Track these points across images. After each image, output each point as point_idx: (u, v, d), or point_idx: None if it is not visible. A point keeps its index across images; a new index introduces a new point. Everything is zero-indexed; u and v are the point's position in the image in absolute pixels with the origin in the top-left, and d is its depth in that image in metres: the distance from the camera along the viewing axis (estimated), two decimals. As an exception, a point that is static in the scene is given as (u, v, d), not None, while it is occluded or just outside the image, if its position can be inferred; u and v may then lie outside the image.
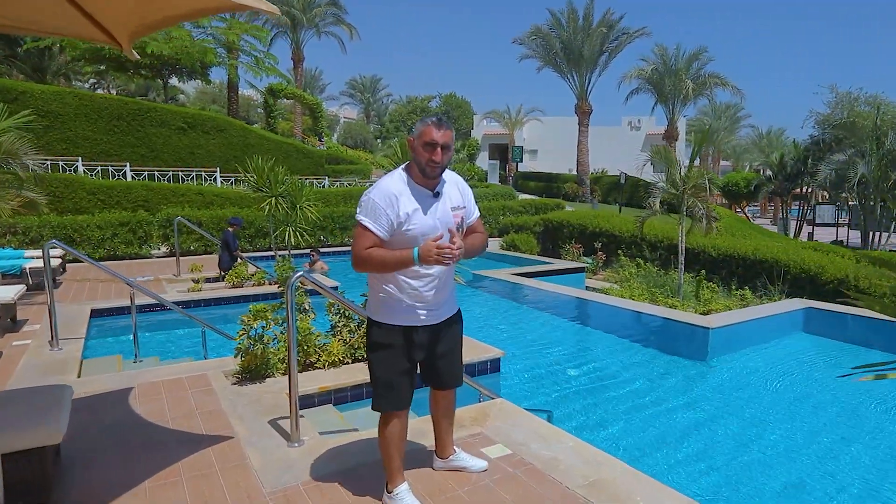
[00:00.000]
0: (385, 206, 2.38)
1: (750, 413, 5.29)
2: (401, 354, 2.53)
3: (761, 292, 9.69)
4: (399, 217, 2.39)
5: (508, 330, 8.16)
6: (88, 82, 38.96)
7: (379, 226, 2.37)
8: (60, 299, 7.10)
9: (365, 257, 2.38)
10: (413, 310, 2.52)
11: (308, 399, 3.95)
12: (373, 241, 2.37)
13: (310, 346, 4.34)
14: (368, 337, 2.60)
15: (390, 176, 2.50)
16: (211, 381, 4.14)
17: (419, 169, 2.43)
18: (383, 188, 2.42)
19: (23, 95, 16.83)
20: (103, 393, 3.90)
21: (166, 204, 14.00)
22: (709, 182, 9.75)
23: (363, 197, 2.44)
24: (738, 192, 30.49)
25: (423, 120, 2.45)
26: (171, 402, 3.79)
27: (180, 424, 3.45)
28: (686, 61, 27.35)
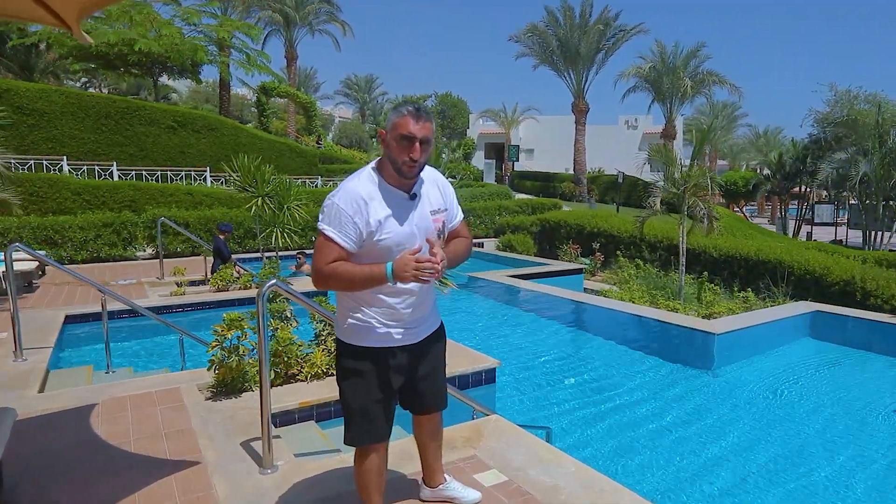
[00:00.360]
0: (352, 212, 2.01)
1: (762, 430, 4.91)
2: (377, 381, 2.19)
3: (764, 294, 9.42)
4: (369, 225, 2.03)
5: (504, 336, 7.83)
6: (80, 81, 38.51)
7: (345, 236, 2.02)
8: (36, 304, 6.77)
9: (328, 273, 2.02)
10: (389, 330, 2.19)
11: (288, 415, 3.63)
12: (338, 253, 2.02)
13: (291, 356, 4.01)
14: (338, 362, 2.26)
15: (357, 176, 2.12)
16: (183, 395, 3.80)
17: (394, 168, 2.07)
18: (350, 191, 2.04)
19: (6, 93, 16.44)
20: (63, 410, 3.56)
21: (154, 204, 13.63)
22: (710, 181, 9.48)
23: (326, 201, 2.06)
24: (737, 192, 30.36)
25: (398, 109, 2.06)
26: (136, 421, 3.46)
27: (143, 447, 3.13)
28: (684, 59, 27.11)
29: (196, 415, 3.50)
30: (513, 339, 7.61)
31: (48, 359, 4.61)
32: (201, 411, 3.55)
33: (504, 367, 5.13)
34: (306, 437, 3.46)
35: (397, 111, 2.06)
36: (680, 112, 29.36)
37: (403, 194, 2.11)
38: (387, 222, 2.06)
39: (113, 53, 21.20)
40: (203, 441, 3.16)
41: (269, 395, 2.76)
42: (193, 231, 12.08)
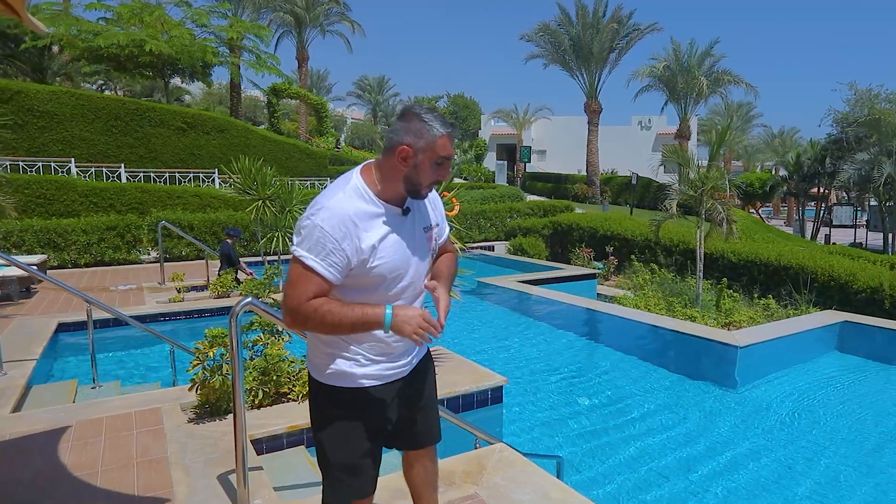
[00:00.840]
0: (339, 237, 1.63)
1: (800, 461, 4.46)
2: (364, 428, 1.85)
3: (786, 301, 9.02)
4: (361, 252, 1.67)
5: (513, 347, 7.48)
6: (96, 83, 38.77)
7: (329, 266, 1.64)
8: (31, 311, 6.58)
9: (308, 314, 1.64)
10: (378, 365, 1.85)
11: (275, 440, 3.35)
12: (319, 287, 1.64)
13: (282, 374, 3.74)
14: (315, 407, 1.89)
15: (341, 189, 1.72)
16: (164, 417, 3.54)
17: (412, 189, 1.74)
18: (337, 211, 1.65)
19: (18, 95, 16.46)
20: (32, 434, 3.31)
21: (161, 206, 13.51)
22: (729, 183, 9.10)
23: (303, 221, 1.67)
24: (753, 193, 29.76)
25: (428, 123, 1.69)
26: (109, 447, 3.20)
27: (110, 480, 2.86)
28: (699, 57, 26.60)
29: (174, 440, 3.24)
30: (523, 352, 7.25)
31: (29, 373, 4.38)
32: (181, 436, 3.29)
33: (513, 383, 4.82)
34: (293, 467, 3.18)
35: (429, 127, 1.69)
36: (694, 112, 28.83)
37: (396, 209, 1.77)
38: (381, 246, 1.71)
39: (124, 55, 21.18)
40: (176, 473, 2.90)
41: (245, 424, 2.49)
42: (198, 234, 11.91)
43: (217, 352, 3.36)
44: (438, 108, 36.31)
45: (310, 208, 1.69)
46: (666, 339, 7.06)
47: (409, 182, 1.73)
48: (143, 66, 22.42)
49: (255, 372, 3.69)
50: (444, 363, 4.67)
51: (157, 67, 23.19)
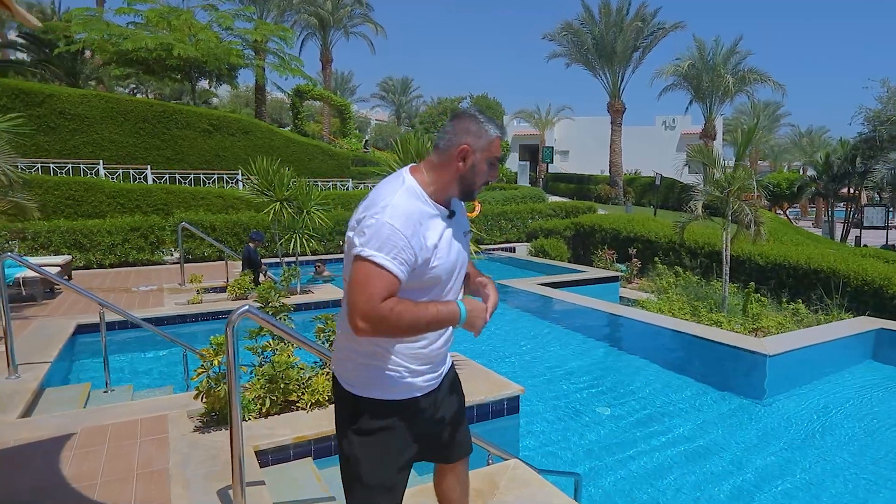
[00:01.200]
0: (408, 234, 1.61)
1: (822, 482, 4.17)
2: (404, 440, 1.80)
3: (816, 307, 8.70)
4: (426, 250, 1.66)
5: (531, 353, 7.32)
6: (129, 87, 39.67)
7: (399, 264, 1.59)
8: (52, 312, 6.67)
9: (384, 315, 1.56)
10: (418, 376, 1.81)
11: (282, 451, 3.27)
12: (391, 287, 1.59)
13: (290, 382, 3.68)
14: (350, 424, 1.80)
15: (403, 189, 1.70)
16: (169, 425, 3.50)
17: (466, 189, 1.78)
18: (403, 209, 1.63)
19: (49, 98, 16.84)
20: (35, 442, 3.28)
21: (185, 208, 13.71)
22: (757, 183, 8.81)
23: (368, 221, 1.61)
24: (780, 194, 29.00)
25: (485, 125, 1.75)
26: (110, 457, 3.14)
27: (109, 492, 2.79)
28: (724, 55, 25.99)
29: (177, 451, 3.18)
30: (541, 358, 7.09)
31: (43, 376, 4.38)
32: (184, 446, 3.23)
33: (530, 391, 4.68)
34: (297, 480, 3.09)
35: (483, 127, 1.75)
36: (720, 111, 28.17)
37: (445, 211, 1.78)
38: (438, 247, 1.71)
39: (152, 59, 21.58)
40: (176, 488, 2.81)
41: (242, 438, 2.42)
42: (220, 235, 12.04)
43: (222, 359, 3.32)
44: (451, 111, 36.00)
45: (369, 208, 1.65)
46: (690, 345, 6.82)
47: (464, 182, 1.77)
48: (171, 69, 22.82)
49: (262, 379, 3.64)
50: (460, 370, 4.50)
51: (184, 70, 23.59)
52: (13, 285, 6.93)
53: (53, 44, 25.04)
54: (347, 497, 1.85)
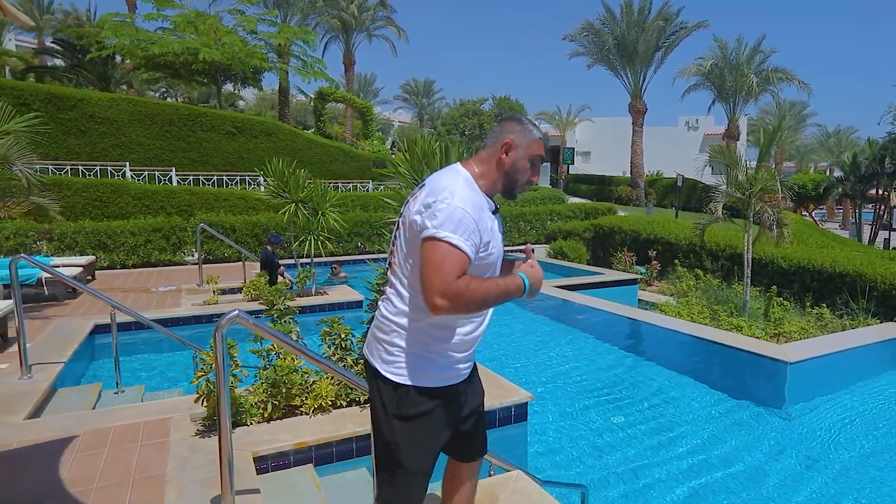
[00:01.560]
0: (477, 218, 1.74)
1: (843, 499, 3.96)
2: (442, 426, 1.91)
3: (841, 311, 8.44)
4: (486, 234, 1.79)
5: (544, 357, 7.22)
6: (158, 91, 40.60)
7: (471, 246, 1.72)
8: (72, 312, 6.82)
9: (460, 290, 1.66)
10: (457, 364, 1.92)
11: (282, 458, 3.25)
12: (465, 266, 1.69)
13: (293, 386, 3.68)
14: (390, 410, 1.87)
15: (462, 179, 1.83)
16: (171, 428, 3.51)
17: (507, 186, 1.91)
18: (470, 196, 1.77)
19: (81, 103, 17.28)
20: (38, 444, 3.31)
21: (208, 209, 13.95)
22: (780, 184, 8.59)
23: (441, 205, 1.71)
24: (806, 195, 28.23)
25: (528, 128, 1.89)
26: (110, 461, 3.15)
27: (104, 498, 2.78)
28: (748, 54, 25.44)
29: (176, 455, 3.18)
30: (554, 363, 6.97)
31: (55, 376, 4.44)
32: (183, 451, 3.23)
33: (542, 398, 4.58)
34: (296, 487, 3.05)
35: (527, 130, 1.89)
36: (744, 112, 27.57)
37: (493, 205, 1.91)
38: (491, 235, 1.83)
39: (179, 63, 22.03)
40: (171, 494, 2.79)
41: (231, 447, 2.40)
42: (240, 236, 12.21)
43: None
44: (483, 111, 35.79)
45: (437, 193, 1.75)
46: (708, 351, 6.65)
47: (507, 178, 1.89)
48: (197, 73, 23.28)
49: (265, 384, 3.65)
50: None
51: (209, 74, 24.04)
52: (36, 285, 7.13)
53: (86, 49, 25.74)
54: (383, 485, 1.94)
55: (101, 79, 28.19)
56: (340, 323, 4.12)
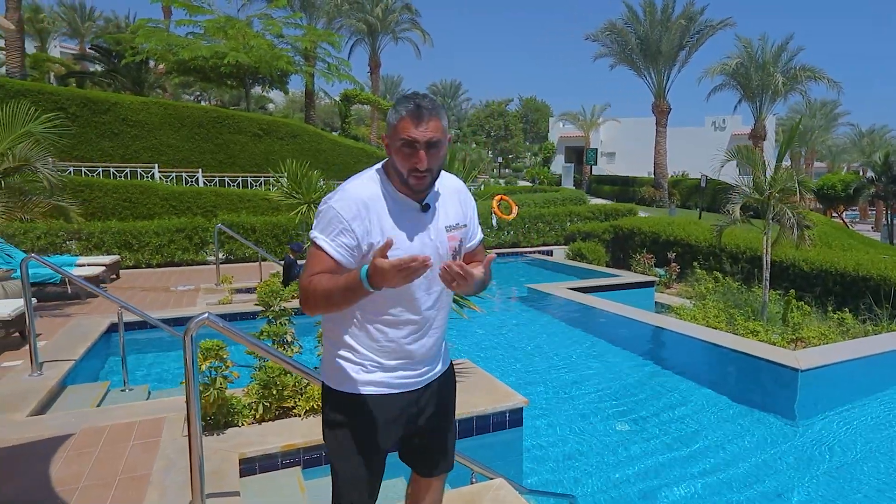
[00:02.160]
0: (349, 217, 1.64)
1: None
2: (367, 438, 1.80)
3: (865, 316, 8.18)
4: (370, 235, 1.66)
5: (548, 361, 7.12)
6: (192, 95, 41.70)
7: (338, 247, 1.64)
8: (92, 311, 7.04)
9: (306, 287, 1.63)
10: (386, 372, 1.79)
11: (269, 460, 3.28)
12: (327, 266, 1.63)
13: (285, 388, 3.72)
14: (323, 411, 1.88)
15: (359, 176, 1.76)
16: (164, 428, 3.57)
17: (400, 180, 1.71)
18: (350, 194, 1.68)
19: (114, 106, 17.80)
20: (34, 441, 3.39)
21: (232, 209, 14.25)
22: (799, 185, 8.36)
23: (321, 205, 1.71)
24: (835, 196, 27.31)
25: (396, 108, 1.68)
26: (99, 460, 3.20)
27: (86, 498, 2.82)
28: (774, 52, 24.78)
29: (164, 456, 3.22)
30: (559, 367, 6.87)
31: (64, 374, 4.57)
32: (171, 452, 3.27)
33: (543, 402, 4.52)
34: (281, 490, 3.07)
35: (395, 110, 1.68)
36: (771, 111, 26.85)
37: (414, 204, 1.75)
38: (394, 234, 1.67)
39: (208, 67, 22.58)
40: (152, 495, 2.82)
41: (202, 452, 2.41)
42: (260, 237, 12.47)
43: (211, 363, 3.40)
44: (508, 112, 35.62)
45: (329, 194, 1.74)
46: (717, 356, 6.51)
47: (397, 172, 1.70)
48: (226, 76, 23.82)
49: (257, 385, 3.70)
50: (464, 378, 4.44)
51: (237, 77, 24.57)
52: (60, 283, 7.43)
53: (121, 55, 26.56)
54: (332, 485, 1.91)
55: (135, 83, 29.05)
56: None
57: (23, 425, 3.63)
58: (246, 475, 3.17)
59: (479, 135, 50.87)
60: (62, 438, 3.42)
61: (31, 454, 3.26)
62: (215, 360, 3.38)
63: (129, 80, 28.83)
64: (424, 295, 1.79)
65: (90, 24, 40.19)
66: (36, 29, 37.70)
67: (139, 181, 14.96)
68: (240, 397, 3.71)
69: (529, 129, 56.84)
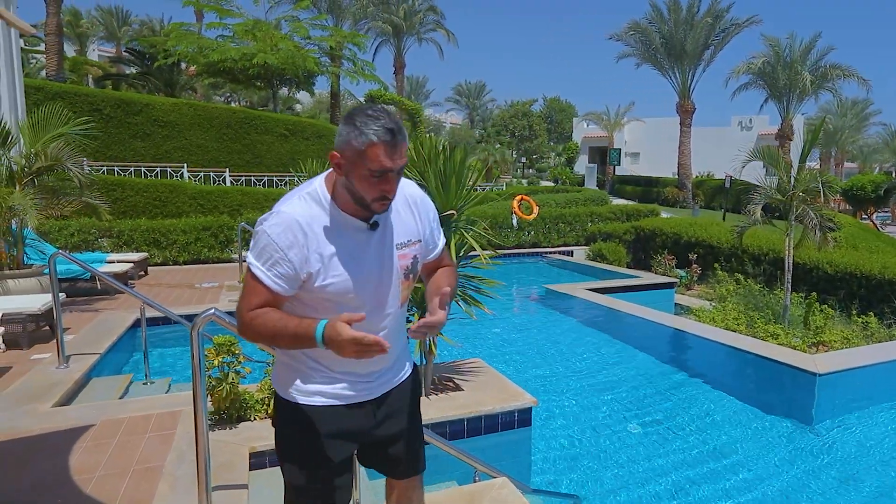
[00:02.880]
0: (285, 245, 1.50)
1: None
2: (315, 450, 1.70)
3: (891, 320, 7.99)
4: (308, 264, 1.53)
5: (564, 362, 7.12)
6: (223, 96, 42.60)
7: (275, 276, 1.52)
8: (120, 306, 7.29)
9: (247, 323, 1.54)
10: (336, 384, 1.68)
11: (265, 457, 3.35)
12: (265, 298, 1.53)
13: None
14: (274, 420, 1.79)
15: (297, 195, 1.58)
16: (180, 421, 3.68)
17: (356, 201, 1.54)
18: (286, 217, 1.52)
19: (146, 108, 18.30)
20: (55, 432, 3.51)
21: (258, 208, 14.53)
22: (822, 186, 8.20)
23: (257, 227, 1.55)
24: (864, 197, 26.48)
25: (360, 128, 1.45)
26: (116, 451, 3.29)
27: (101, 487, 2.88)
28: (802, 51, 24.20)
29: (177, 448, 3.31)
30: (575, 368, 6.87)
31: (89, 367, 4.73)
32: (184, 444, 3.34)
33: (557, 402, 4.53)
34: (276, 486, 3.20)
35: (359, 132, 1.45)
36: (800, 110, 26.22)
37: (360, 224, 1.59)
38: (332, 262, 1.54)
39: (237, 68, 23.07)
40: (163, 486, 2.90)
41: (208, 446, 2.47)
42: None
43: (224, 359, 3.52)
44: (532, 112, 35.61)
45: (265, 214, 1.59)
46: (734, 359, 6.45)
47: (353, 195, 1.54)
48: (254, 77, 24.29)
49: (269, 380, 3.78)
50: (474, 377, 4.51)
51: (265, 78, 25.03)
52: (90, 279, 7.73)
53: (154, 57, 27.30)
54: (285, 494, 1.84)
55: (167, 85, 29.81)
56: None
57: (46, 416, 3.78)
58: (256, 469, 3.27)
59: (504, 135, 50.75)
60: (82, 429, 3.55)
61: (52, 444, 3.39)
62: (227, 356, 3.51)
63: (161, 81, 29.60)
64: (377, 318, 1.67)
65: (126, 28, 41.36)
66: (76, 33, 38.99)
67: (169, 180, 15.38)
68: (252, 392, 3.84)
69: (553, 129, 56.49)
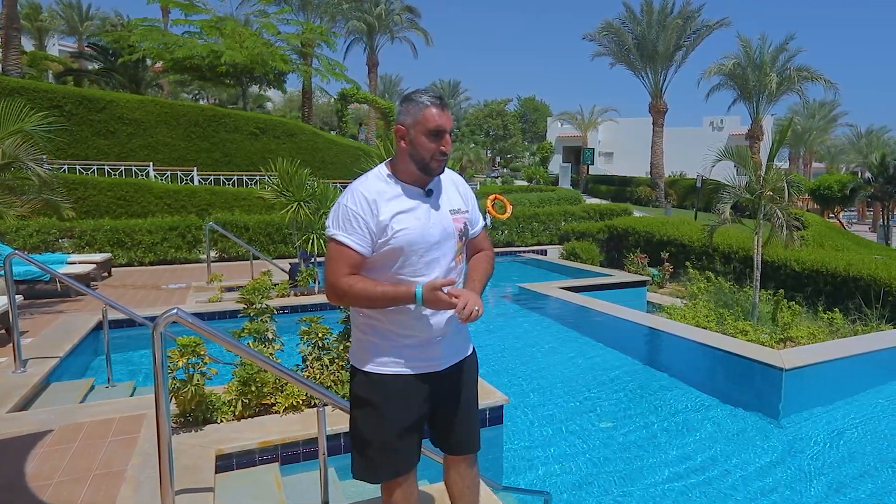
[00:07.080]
0: (362, 211, 1.85)
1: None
2: (398, 413, 1.96)
3: (854, 316, 8.20)
4: (380, 223, 1.86)
5: (536, 360, 7.12)
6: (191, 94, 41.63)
7: (359, 239, 1.85)
8: (83, 308, 7.04)
9: (345, 289, 1.83)
10: (414, 351, 1.96)
11: (247, 456, 3.29)
12: (353, 260, 1.85)
13: (265, 385, 3.72)
14: (351, 389, 2.04)
15: (365, 177, 1.96)
16: (143, 424, 3.56)
17: (420, 166, 1.90)
18: (358, 191, 1.89)
19: (110, 105, 17.77)
20: (12, 438, 3.37)
21: (227, 208, 14.23)
22: (788, 185, 8.37)
23: (334, 206, 1.93)
24: (831, 197, 27.30)
25: (415, 100, 1.88)
26: (75, 456, 3.19)
27: (59, 494, 2.80)
28: (773, 53, 24.83)
29: (141, 452, 3.22)
30: (546, 366, 6.86)
31: (48, 370, 4.55)
32: (148, 448, 3.25)
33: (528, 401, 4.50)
34: (257, 486, 3.06)
35: (415, 102, 1.87)
36: (769, 111, 26.92)
37: (419, 190, 1.95)
38: (398, 218, 1.87)
39: (204, 65, 22.57)
40: (125, 490, 2.82)
41: (171, 449, 2.40)
42: (253, 235, 12.48)
43: (189, 360, 3.39)
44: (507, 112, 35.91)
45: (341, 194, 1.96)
46: (704, 355, 6.53)
47: (415, 159, 1.89)
48: (222, 75, 23.80)
49: (237, 382, 3.70)
50: None
51: (234, 76, 24.54)
52: (49, 281, 7.43)
53: (118, 53, 26.54)
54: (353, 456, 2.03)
55: (132, 81, 28.98)
56: (319, 322, 4.19)
57: (1, 422, 3.61)
58: (222, 471, 3.19)
59: (478, 134, 50.88)
60: (40, 435, 3.41)
61: (8, 450, 3.26)
62: (192, 357, 3.38)
63: (126, 78, 28.76)
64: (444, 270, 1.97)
65: (89, 24, 40.15)
66: (34, 27, 37.68)
67: (134, 179, 14.94)
68: (220, 394, 3.71)
69: (528, 128, 56.88)
